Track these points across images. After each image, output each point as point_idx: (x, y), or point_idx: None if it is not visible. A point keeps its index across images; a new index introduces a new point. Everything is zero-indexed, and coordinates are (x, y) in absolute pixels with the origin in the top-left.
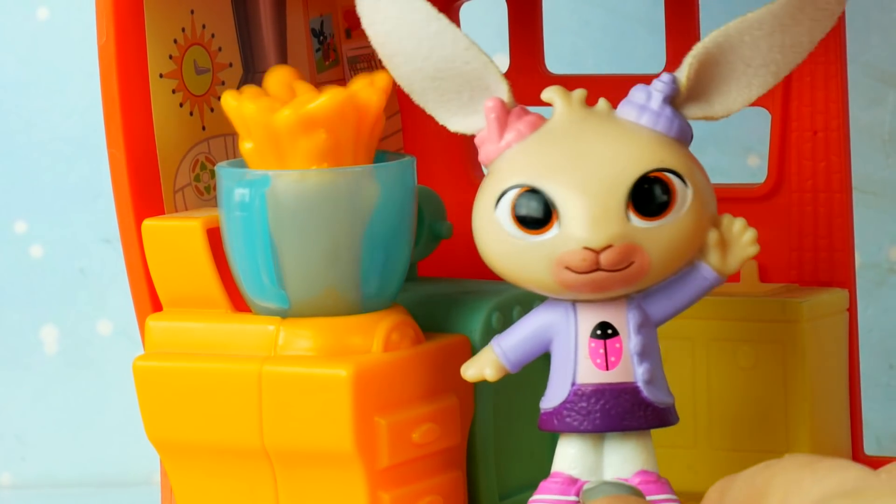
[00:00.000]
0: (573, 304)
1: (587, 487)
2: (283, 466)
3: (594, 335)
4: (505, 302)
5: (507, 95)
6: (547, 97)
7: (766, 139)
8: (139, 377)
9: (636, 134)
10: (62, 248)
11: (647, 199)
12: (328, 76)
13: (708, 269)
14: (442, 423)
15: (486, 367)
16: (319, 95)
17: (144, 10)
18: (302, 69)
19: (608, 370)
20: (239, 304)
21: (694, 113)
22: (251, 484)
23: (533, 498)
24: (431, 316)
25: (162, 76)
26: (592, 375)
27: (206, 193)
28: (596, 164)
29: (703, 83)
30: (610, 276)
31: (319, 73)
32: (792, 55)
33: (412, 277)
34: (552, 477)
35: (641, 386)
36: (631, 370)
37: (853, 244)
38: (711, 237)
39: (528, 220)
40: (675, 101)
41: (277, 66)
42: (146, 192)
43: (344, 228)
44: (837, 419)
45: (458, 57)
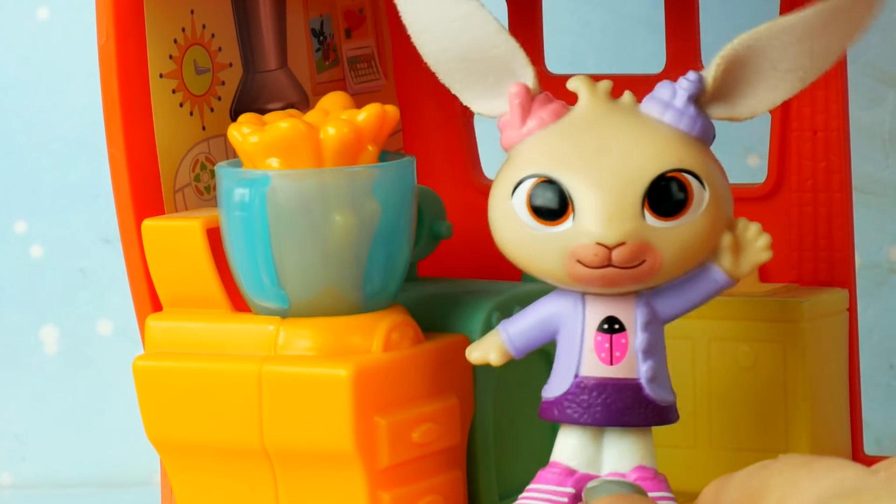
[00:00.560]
0: (582, 295)
1: (590, 486)
2: (283, 466)
3: (601, 329)
4: (505, 302)
5: (532, 81)
6: (573, 87)
7: (766, 139)
8: (139, 377)
9: (658, 131)
10: (62, 248)
11: (663, 198)
12: (328, 76)
13: (719, 271)
14: (442, 422)
15: (490, 351)
16: (281, 122)
17: (144, 10)
18: (302, 69)
19: (612, 365)
20: (239, 304)
21: (718, 113)
22: (251, 484)
23: (530, 486)
24: (431, 316)
25: (162, 76)
26: (596, 369)
27: (206, 193)
28: (615, 159)
29: (729, 84)
30: (621, 272)
31: (319, 73)
32: (820, 61)
33: (412, 277)
34: (550, 466)
35: (644, 383)
36: (635, 366)
37: (853, 244)
38: (725, 240)
39: (543, 211)
40: (699, 100)
41: (335, 91)
42: (146, 192)
43: (344, 228)
44: (837, 419)
45: (486, 39)
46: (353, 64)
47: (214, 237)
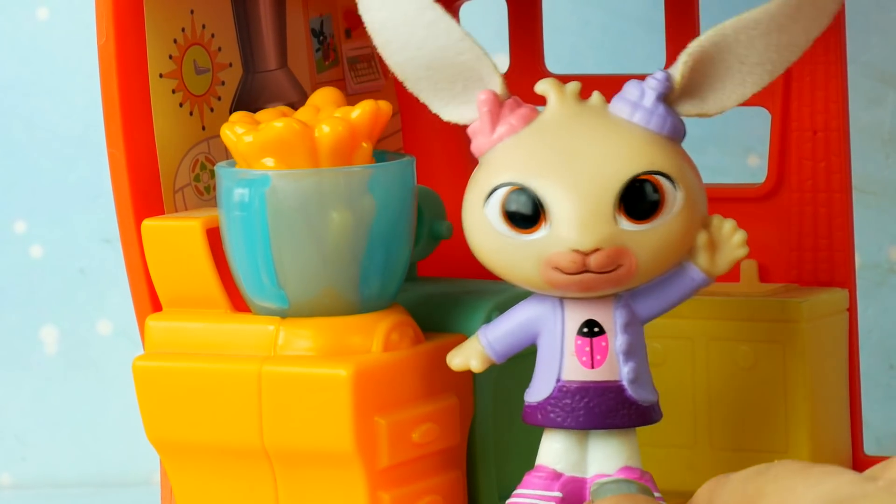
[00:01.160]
0: (560, 300)
1: (594, 488)
2: (283, 466)
3: (581, 333)
4: (505, 302)
5: (500, 87)
6: (541, 90)
7: (766, 139)
8: (139, 377)
9: (628, 133)
10: (62, 248)
11: (636, 201)
12: (328, 76)
13: (696, 270)
14: (441, 422)
15: (472, 357)
16: (276, 122)
17: (144, 10)
18: (302, 69)
19: (593, 368)
20: (239, 304)
21: (687, 110)
22: (251, 484)
23: (516, 491)
24: (431, 316)
25: (162, 76)
26: (577, 373)
27: (206, 193)
28: (586, 164)
29: (697, 80)
30: (598, 277)
31: (319, 73)
32: (788, 54)
33: (412, 277)
34: (536, 470)
35: (626, 385)
36: (616, 369)
37: (853, 244)
38: (701, 238)
39: (517, 219)
40: (668, 97)
41: (324, 88)
42: (146, 192)
43: (343, 228)
44: (837, 419)
45: (451, 47)
46: (353, 64)
47: (214, 237)
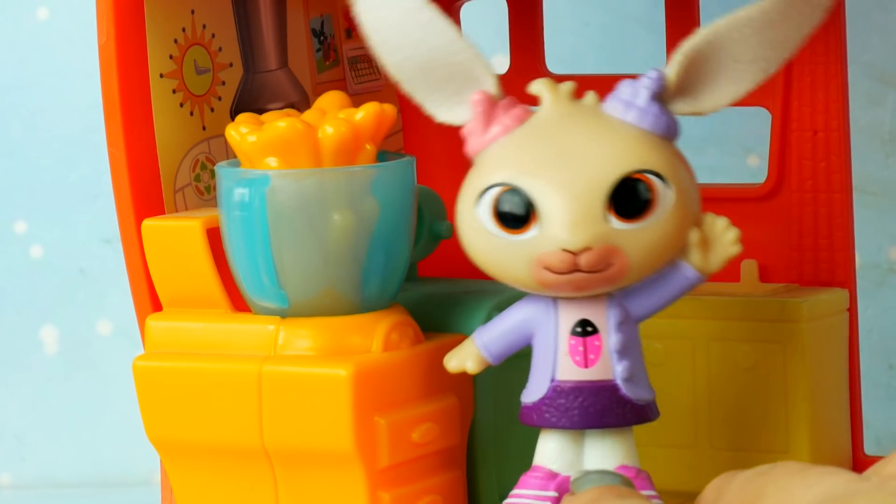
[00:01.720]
0: (554, 300)
1: (575, 477)
2: (283, 466)
3: (574, 332)
4: (505, 302)
5: (494, 88)
6: (534, 90)
7: (766, 139)
8: (139, 377)
9: (620, 132)
10: (62, 248)
11: (627, 201)
12: (328, 76)
13: (689, 268)
14: (441, 422)
15: (467, 359)
16: (279, 122)
17: (144, 10)
18: (302, 69)
19: (587, 367)
20: (239, 304)
21: (681, 108)
22: (251, 484)
23: (513, 491)
24: (431, 316)
25: (162, 76)
26: (571, 372)
27: (206, 193)
28: (577, 164)
29: (691, 79)
30: (589, 276)
31: (320, 73)
32: (782, 50)
33: (412, 277)
34: (532, 471)
35: (620, 383)
36: (610, 368)
37: (853, 244)
38: (693, 236)
39: (508, 219)
40: (662, 96)
41: (331, 91)
42: (146, 192)
43: (343, 228)
44: (837, 419)
45: (446, 47)
46: (353, 64)
47: (214, 237)
